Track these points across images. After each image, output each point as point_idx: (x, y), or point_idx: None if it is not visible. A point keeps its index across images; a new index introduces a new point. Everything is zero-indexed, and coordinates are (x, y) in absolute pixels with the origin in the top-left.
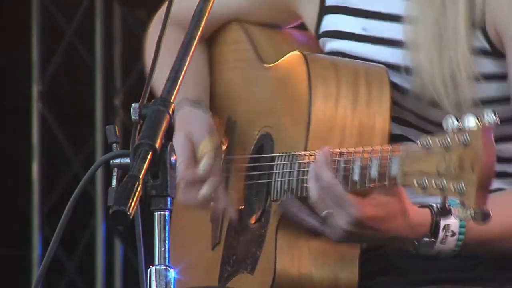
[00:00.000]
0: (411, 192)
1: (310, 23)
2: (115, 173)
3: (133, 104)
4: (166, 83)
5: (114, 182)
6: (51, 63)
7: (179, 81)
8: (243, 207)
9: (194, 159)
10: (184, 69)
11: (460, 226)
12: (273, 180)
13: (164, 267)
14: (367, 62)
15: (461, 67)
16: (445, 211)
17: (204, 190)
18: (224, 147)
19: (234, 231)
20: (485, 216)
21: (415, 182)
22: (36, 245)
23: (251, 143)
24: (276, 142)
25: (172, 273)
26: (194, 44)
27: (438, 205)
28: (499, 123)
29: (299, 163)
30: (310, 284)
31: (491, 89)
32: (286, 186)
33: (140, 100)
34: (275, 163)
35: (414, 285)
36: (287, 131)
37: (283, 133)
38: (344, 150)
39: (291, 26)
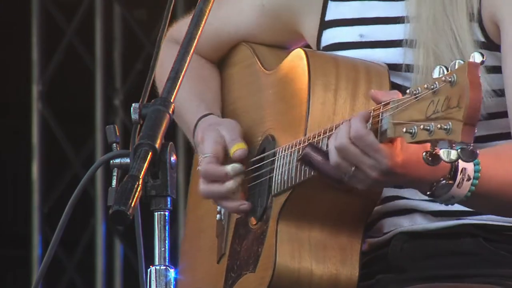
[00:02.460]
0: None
1: (311, 40)
2: (115, 173)
3: (133, 104)
4: (166, 83)
5: (114, 182)
6: (51, 63)
7: (179, 81)
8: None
9: (221, 155)
10: (184, 69)
11: (475, 171)
12: (274, 174)
13: (164, 267)
14: (367, 61)
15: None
16: (434, 157)
17: (231, 184)
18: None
19: (238, 237)
20: (472, 154)
21: (403, 130)
22: (36, 245)
23: (255, 148)
24: (278, 140)
25: (172, 273)
26: (194, 44)
27: (428, 153)
28: (485, 61)
29: (299, 149)
30: (309, 278)
31: (487, 82)
32: (286, 176)
33: (140, 100)
34: (276, 157)
35: (413, 282)
36: (288, 126)
37: (284, 129)
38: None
39: (297, 47)
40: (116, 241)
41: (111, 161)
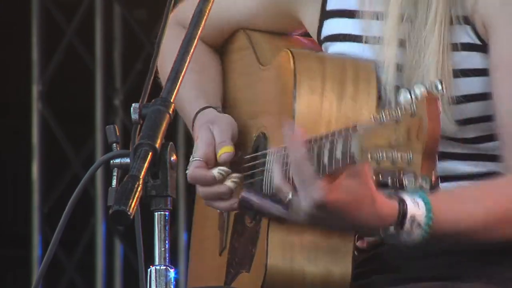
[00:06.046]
0: None
1: (312, 29)
2: (115, 173)
3: (133, 104)
4: (166, 83)
5: (114, 182)
6: (51, 63)
7: (179, 81)
8: None
9: (212, 157)
10: (184, 69)
11: (426, 217)
12: (265, 176)
13: (164, 267)
14: (355, 57)
15: (435, 65)
16: (398, 185)
17: (223, 187)
18: None
19: (236, 233)
20: (433, 184)
21: (369, 156)
22: (36, 245)
23: (250, 146)
24: (270, 140)
25: (172, 273)
26: (194, 44)
27: (394, 179)
28: (444, 93)
29: (283, 155)
30: (302, 278)
31: (479, 84)
32: (274, 180)
33: (140, 100)
34: (267, 159)
35: (408, 282)
36: (278, 128)
37: (275, 130)
38: (316, 135)
39: (296, 34)
40: (116, 241)
41: (111, 161)
